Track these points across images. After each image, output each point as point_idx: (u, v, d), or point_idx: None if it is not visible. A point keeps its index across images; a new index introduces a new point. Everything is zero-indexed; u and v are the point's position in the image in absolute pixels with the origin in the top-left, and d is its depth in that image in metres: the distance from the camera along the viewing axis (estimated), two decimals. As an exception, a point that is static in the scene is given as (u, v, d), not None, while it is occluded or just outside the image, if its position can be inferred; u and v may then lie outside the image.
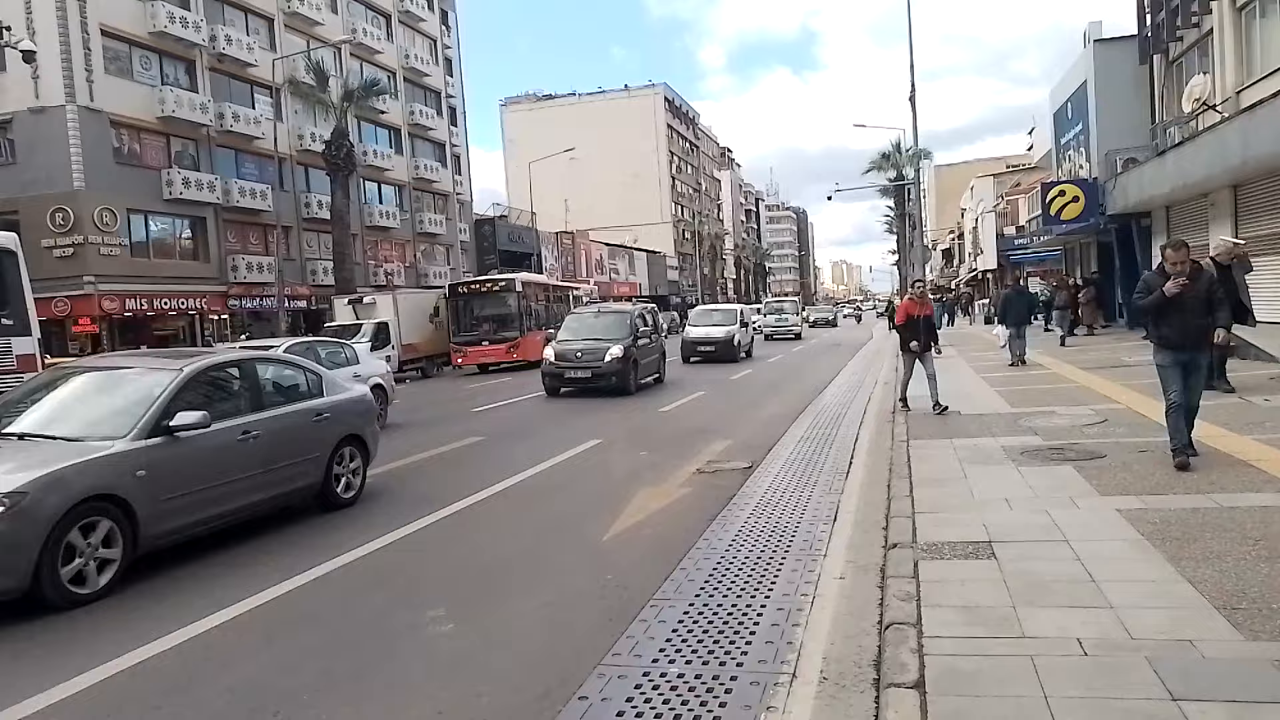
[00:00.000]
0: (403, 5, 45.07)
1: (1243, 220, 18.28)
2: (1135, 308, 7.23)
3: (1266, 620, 3.82)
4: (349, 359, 14.33)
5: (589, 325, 19.01)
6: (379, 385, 13.59)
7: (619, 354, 17.09)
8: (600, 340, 17.63)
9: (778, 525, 6.60)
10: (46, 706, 4.09)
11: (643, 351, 18.34)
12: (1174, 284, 6.68)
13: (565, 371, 17.33)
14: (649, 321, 19.86)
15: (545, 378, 17.73)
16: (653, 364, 19.24)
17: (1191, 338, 6.88)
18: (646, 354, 18.69)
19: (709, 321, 27.49)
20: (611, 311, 20.53)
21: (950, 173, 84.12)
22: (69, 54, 26.26)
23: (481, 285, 30.14)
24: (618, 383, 17.02)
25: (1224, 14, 18.98)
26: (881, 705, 3.47)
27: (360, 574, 6.09)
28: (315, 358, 12.08)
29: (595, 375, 17.06)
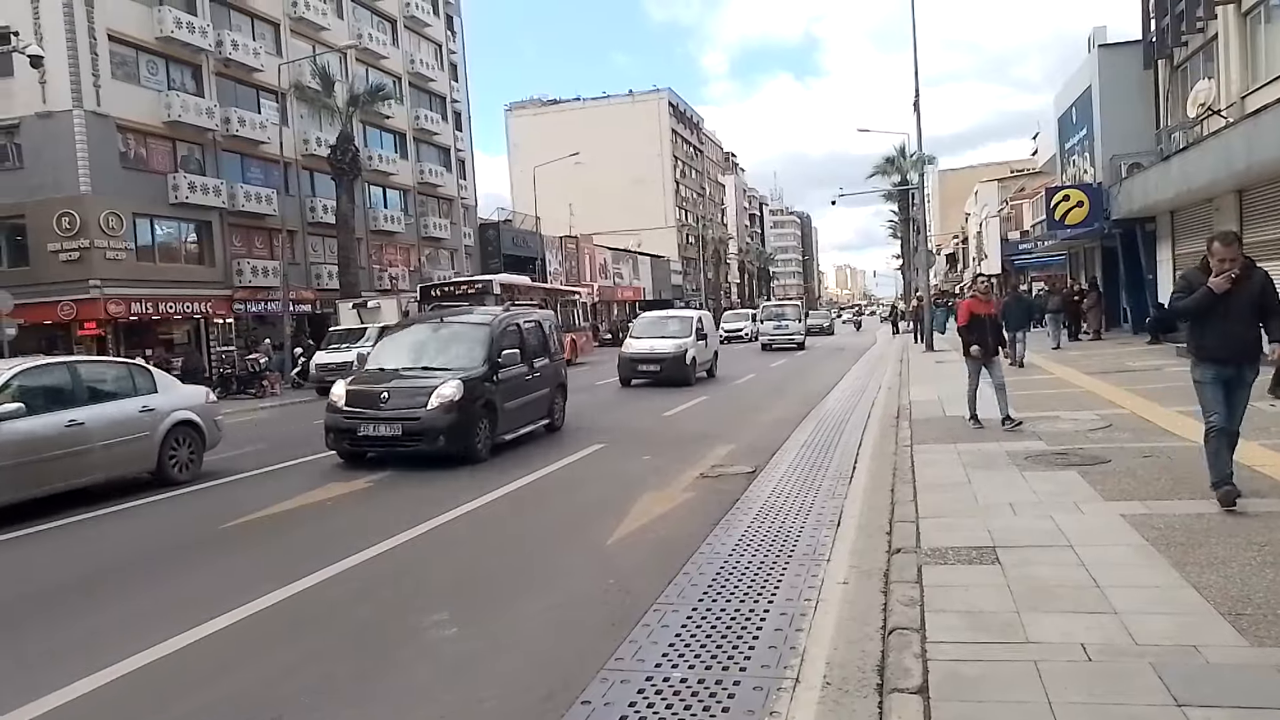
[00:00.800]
0: (408, 10, 45.18)
1: (1247, 225, 18.23)
2: (1173, 310, 6.15)
3: (1271, 626, 3.81)
4: (139, 388, 10.30)
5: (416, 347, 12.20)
6: (188, 422, 10.60)
7: (448, 398, 10.40)
8: (416, 384, 10.87)
9: (781, 530, 6.59)
10: (48, 711, 4.10)
11: (508, 389, 11.57)
12: (1223, 278, 5.67)
13: (357, 428, 10.68)
14: (523, 338, 12.60)
15: (329, 433, 11.05)
16: (530, 407, 12.35)
17: (1237, 349, 5.86)
18: (516, 391, 11.87)
19: (656, 332, 21.19)
20: (462, 323, 12.73)
21: (954, 177, 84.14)
22: (76, 59, 26.35)
23: (456, 287, 28.08)
24: (445, 445, 10.36)
25: (1229, 19, 18.97)
26: (885, 710, 3.47)
27: (363, 577, 6.09)
28: (66, 385, 9.43)
29: (406, 435, 10.42)
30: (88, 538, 8.00)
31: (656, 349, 20.20)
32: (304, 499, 8.90)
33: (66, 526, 8.37)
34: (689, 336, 20.60)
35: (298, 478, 10.37)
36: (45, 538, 8.01)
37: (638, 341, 21.02)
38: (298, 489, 9.42)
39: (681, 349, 19.96)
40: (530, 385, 12.30)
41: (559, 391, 13.53)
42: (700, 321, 21.80)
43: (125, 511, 8.99)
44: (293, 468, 11.28)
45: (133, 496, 9.68)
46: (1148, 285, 24.02)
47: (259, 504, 8.67)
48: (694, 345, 20.37)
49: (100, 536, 8.05)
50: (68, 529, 8.30)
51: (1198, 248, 20.88)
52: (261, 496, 9.10)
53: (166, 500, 9.51)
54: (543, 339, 13.48)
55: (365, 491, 9.29)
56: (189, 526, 8.19)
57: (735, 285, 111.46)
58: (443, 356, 11.49)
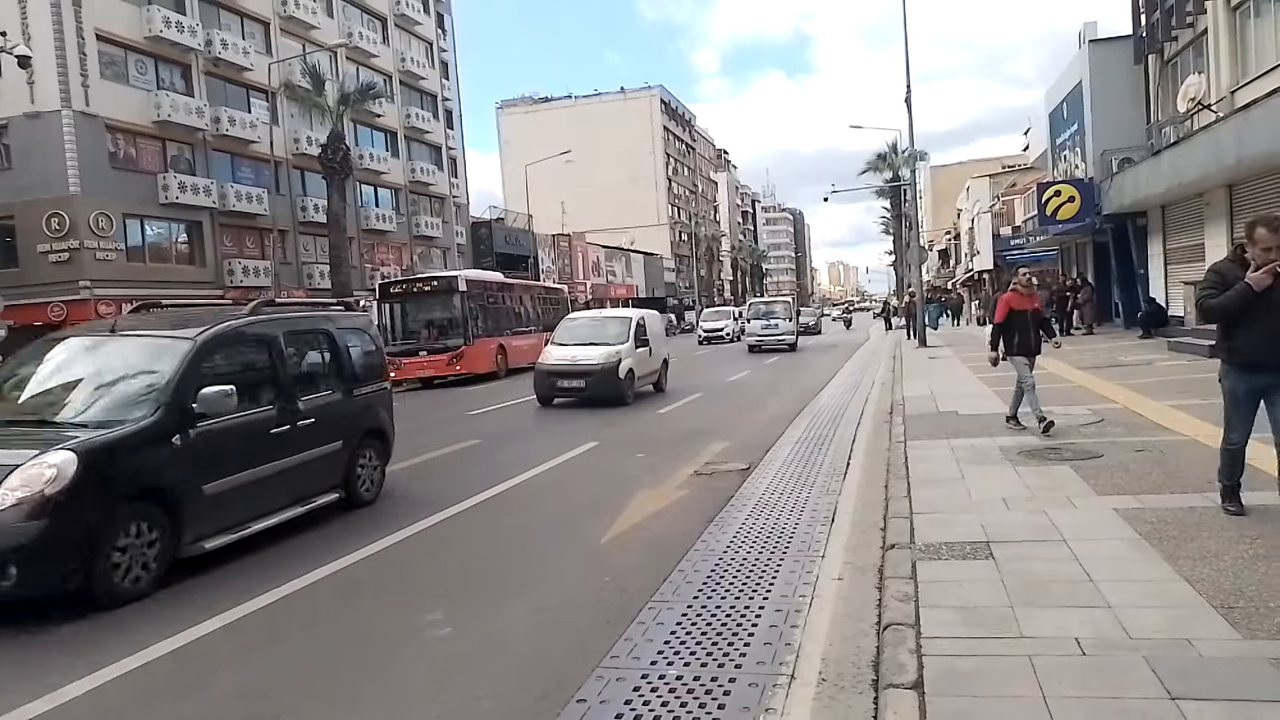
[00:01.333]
0: (398, 9, 45.05)
1: (1238, 220, 18.32)
2: (1204, 309, 5.41)
3: (1264, 619, 3.83)
4: None
5: None
6: None
7: (35, 492, 5.32)
8: None
9: (775, 526, 6.60)
10: (45, 712, 4.08)
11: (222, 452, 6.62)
12: (1266, 271, 4.98)
13: None
14: None
15: None
16: (288, 478, 7.46)
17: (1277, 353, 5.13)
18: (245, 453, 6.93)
19: (584, 337, 17.09)
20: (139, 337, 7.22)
21: (946, 174, 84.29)
22: (65, 59, 26.23)
23: (418, 285, 26.13)
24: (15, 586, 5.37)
25: (1218, 14, 19.04)
26: (880, 706, 3.47)
27: (358, 577, 6.08)
28: None
29: None
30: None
31: (581, 359, 16.16)
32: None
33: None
34: (625, 343, 16.62)
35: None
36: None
37: (559, 350, 16.87)
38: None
39: (613, 359, 16.03)
40: (288, 441, 7.29)
41: (368, 443, 8.48)
42: (641, 325, 17.69)
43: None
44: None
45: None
46: (1139, 280, 24.12)
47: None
48: (630, 354, 16.53)
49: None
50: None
51: (1189, 242, 20.99)
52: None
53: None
54: (337, 359, 8.33)
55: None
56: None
57: (728, 282, 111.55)
58: (75, 401, 6.47)
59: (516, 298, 29.39)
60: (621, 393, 16.04)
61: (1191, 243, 20.87)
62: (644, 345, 17.41)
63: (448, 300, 24.75)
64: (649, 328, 18.06)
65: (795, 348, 31.59)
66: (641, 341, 17.30)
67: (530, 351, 27.30)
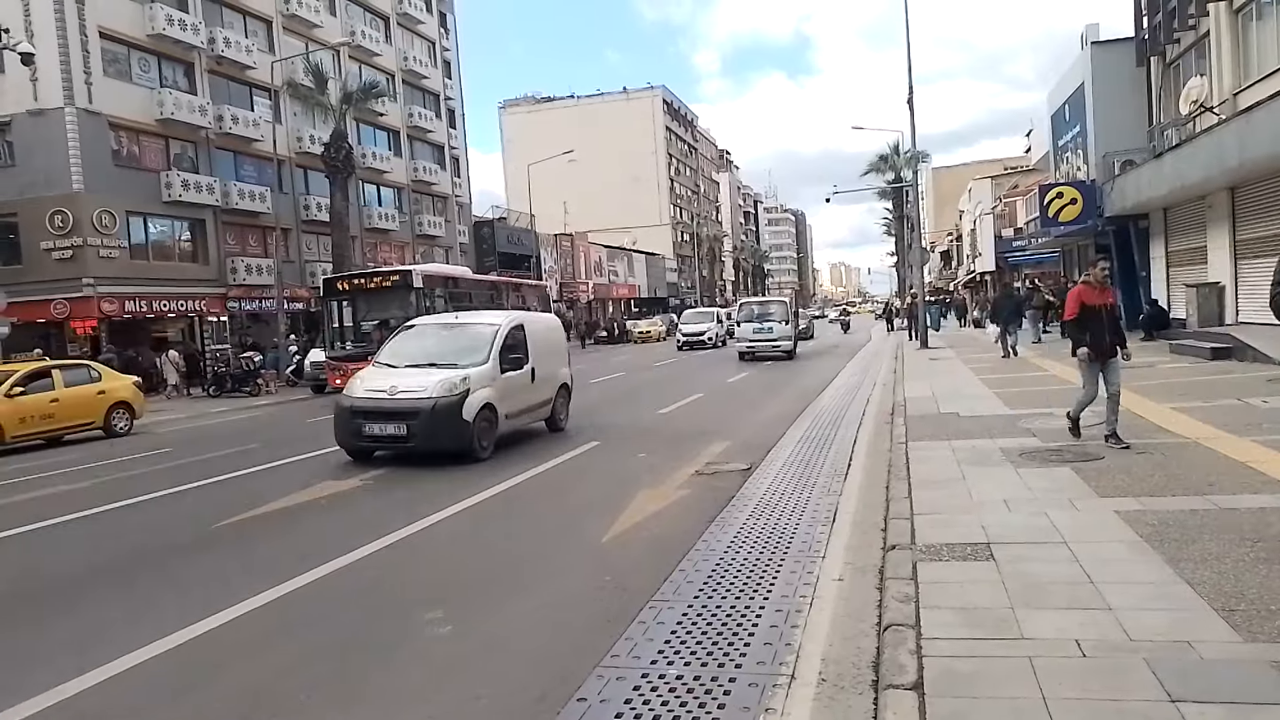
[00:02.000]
0: (401, 8, 45.07)
1: (1240, 223, 18.33)
2: None
3: (1265, 621, 3.83)
4: None
5: None
6: None
7: None
8: None
9: (776, 527, 6.60)
10: (43, 709, 4.09)
11: None
12: None
13: None
14: None
15: None
16: None
17: None
18: None
19: (418, 354, 11.81)
20: None
21: (948, 175, 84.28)
22: (68, 56, 26.24)
23: (368, 280, 22.90)
24: None
25: (1221, 16, 19.02)
26: (880, 707, 3.47)
27: (358, 576, 6.08)
28: None
29: None
30: (77, 537, 7.96)
31: (403, 390, 10.60)
32: (298, 498, 8.88)
33: (56, 526, 8.35)
34: (480, 363, 11.14)
35: (292, 476, 10.34)
36: (33, 538, 7.98)
37: (376, 376, 11.27)
38: (292, 487, 9.40)
39: (453, 390, 10.52)
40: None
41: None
42: (516, 334, 12.01)
43: (118, 510, 8.96)
44: (286, 466, 11.26)
45: (124, 496, 9.67)
46: (1141, 282, 24.11)
47: (252, 503, 8.64)
48: (489, 380, 11.05)
49: (91, 536, 8.01)
50: (57, 528, 8.27)
51: (1191, 244, 21.00)
52: (255, 495, 9.08)
53: (158, 500, 9.48)
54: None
55: (359, 490, 9.28)
56: (182, 526, 8.16)
57: (730, 283, 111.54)
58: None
59: (486, 295, 26.32)
60: (466, 441, 10.40)
61: (1193, 245, 20.86)
62: (517, 367, 11.65)
63: (401, 297, 21.66)
64: (531, 340, 12.21)
65: (794, 355, 27.69)
66: (513, 361, 11.58)
67: None
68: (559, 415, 13.08)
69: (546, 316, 15.52)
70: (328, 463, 11.00)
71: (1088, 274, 8.72)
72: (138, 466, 12.28)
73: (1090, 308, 8.31)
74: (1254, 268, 17.90)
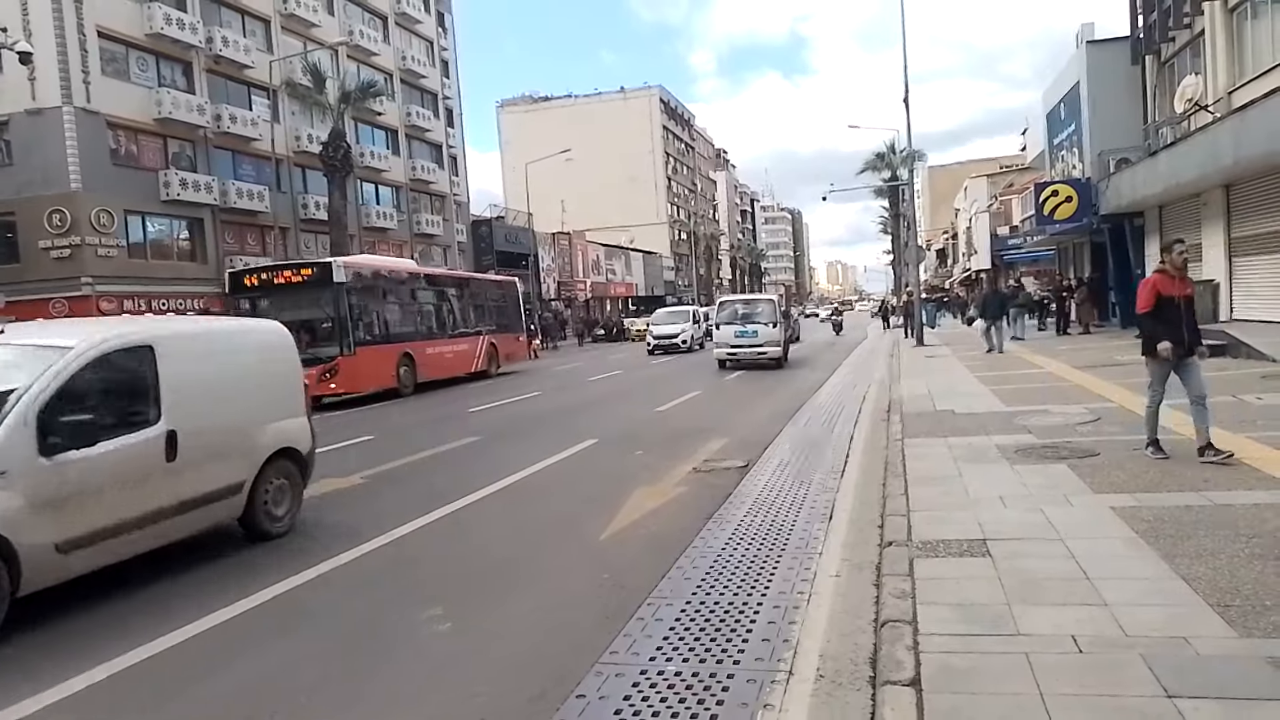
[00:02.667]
0: (399, 7, 45.00)
1: (1235, 220, 18.37)
2: None
3: (1260, 617, 3.85)
4: None
5: None
6: None
7: None
8: None
9: (774, 524, 6.62)
10: (41, 709, 4.11)
11: None
12: None
13: None
14: None
15: None
16: None
17: None
18: None
19: None
20: None
21: (944, 173, 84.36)
22: (65, 55, 26.19)
23: (281, 274, 19.44)
24: None
25: (1216, 15, 19.07)
26: (877, 703, 3.49)
27: (358, 574, 6.10)
28: None
29: None
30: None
31: None
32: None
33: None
34: None
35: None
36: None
37: None
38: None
39: None
40: None
41: None
42: (133, 360, 6.16)
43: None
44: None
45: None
46: (1136, 280, 24.14)
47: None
48: None
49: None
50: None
51: (1186, 242, 21.01)
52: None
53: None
54: None
55: (357, 488, 9.29)
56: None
57: (727, 281, 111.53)
58: None
59: (435, 293, 23.81)
60: None
61: (1189, 243, 20.87)
62: (109, 433, 5.74)
63: (321, 295, 18.83)
64: (177, 375, 6.35)
65: (783, 362, 23.34)
66: (95, 427, 5.62)
67: (456, 361, 23.54)
68: (271, 511, 7.18)
69: (243, 326, 8.70)
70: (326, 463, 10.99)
71: (1163, 261, 7.42)
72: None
73: (1167, 299, 7.16)
74: (1249, 265, 17.95)
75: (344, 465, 10.56)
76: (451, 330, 24.16)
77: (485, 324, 26.12)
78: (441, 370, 22.66)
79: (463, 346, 24.27)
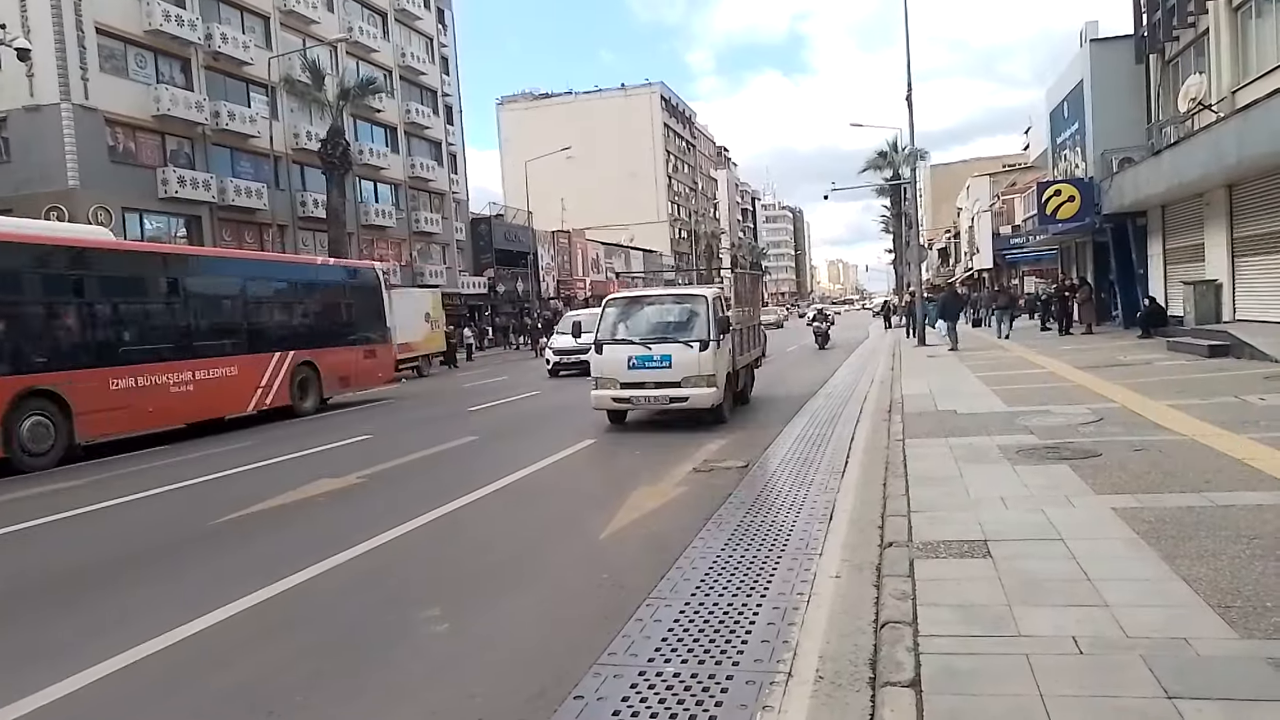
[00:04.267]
0: (399, 3, 44.97)
1: (1238, 220, 18.34)
2: None
3: (1261, 618, 3.83)
4: None
5: None
6: None
7: None
8: None
9: (773, 524, 6.59)
10: (39, 708, 4.08)
11: None
12: None
13: None
14: None
15: None
16: None
17: None
18: None
19: None
20: None
21: (946, 172, 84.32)
22: (64, 52, 26.18)
23: None
24: None
25: (1220, 14, 19.03)
26: (877, 704, 3.47)
27: (355, 573, 6.07)
28: None
29: None
30: (79, 533, 7.96)
31: None
32: (295, 495, 8.88)
33: (58, 521, 8.35)
34: None
35: (289, 474, 10.34)
36: (36, 533, 7.97)
37: None
38: (289, 485, 9.39)
39: None
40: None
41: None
42: None
43: (119, 506, 8.96)
44: (284, 464, 11.24)
45: (127, 493, 9.66)
46: (1139, 280, 24.13)
47: (251, 499, 8.63)
48: None
49: (92, 531, 8.01)
50: (60, 523, 8.28)
51: (1189, 242, 21.00)
52: (253, 492, 9.07)
53: (159, 495, 9.48)
54: None
55: (356, 488, 9.27)
56: (182, 521, 8.16)
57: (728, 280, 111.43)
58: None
59: (152, 284, 15.11)
60: None
61: (1191, 243, 20.87)
62: None
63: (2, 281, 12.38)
64: None
65: (725, 411, 12.63)
66: None
67: (196, 399, 15.07)
68: None
69: None
70: (327, 460, 10.99)
71: None
72: (142, 461, 12.26)
73: None
74: (1252, 265, 17.93)
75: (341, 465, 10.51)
76: (192, 347, 15.23)
77: (299, 334, 17.97)
78: (148, 416, 14.23)
79: (226, 372, 15.82)
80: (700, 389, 11.91)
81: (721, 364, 12.38)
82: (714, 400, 12.02)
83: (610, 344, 12.44)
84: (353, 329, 19.90)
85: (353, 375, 19.54)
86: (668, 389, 12.03)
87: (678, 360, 11.99)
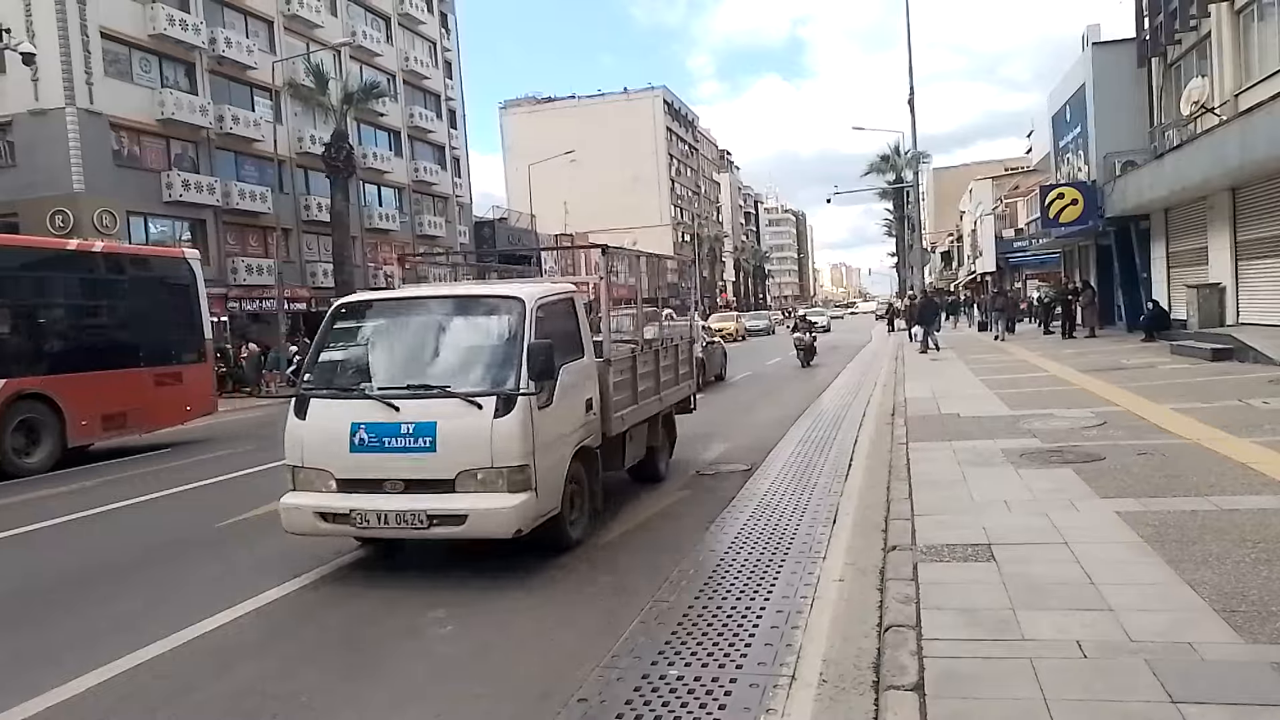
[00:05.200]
0: (402, 8, 45.05)
1: (1241, 224, 18.32)
2: None
3: (1265, 623, 3.82)
4: None
5: None
6: None
7: None
8: None
9: (777, 528, 6.59)
10: (44, 710, 4.09)
11: None
12: None
13: None
14: None
15: None
16: None
17: None
18: None
19: None
20: None
21: (949, 176, 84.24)
22: (69, 56, 26.25)
23: None
24: None
25: (1222, 17, 19.01)
26: (881, 707, 3.47)
27: (359, 575, 6.08)
28: None
29: None
30: (81, 536, 7.97)
31: None
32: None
33: (60, 525, 8.37)
34: None
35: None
36: (36, 537, 7.99)
37: None
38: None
39: None
40: None
41: None
42: None
43: (120, 510, 8.97)
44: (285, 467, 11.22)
45: (126, 496, 9.67)
46: (1142, 283, 24.10)
47: (254, 502, 8.63)
48: None
49: (94, 534, 8.02)
50: (61, 528, 8.29)
51: (1192, 245, 20.98)
52: (256, 495, 9.06)
53: (161, 499, 9.49)
54: None
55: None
56: (184, 525, 8.17)
57: (730, 283, 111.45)
58: None
59: None
60: None
61: (1194, 246, 20.85)
62: None
63: None
64: None
65: (562, 531, 6.23)
66: None
67: None
68: None
69: None
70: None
71: None
72: (152, 464, 12.27)
73: None
74: (1255, 269, 17.90)
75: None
76: None
77: (24, 353, 12.45)
78: None
79: None
80: (490, 497, 5.61)
81: (550, 437, 6.01)
82: (520, 520, 5.61)
83: (322, 397, 6.26)
84: (138, 344, 14.02)
85: (133, 410, 13.60)
86: (425, 495, 5.68)
87: (448, 435, 5.67)
